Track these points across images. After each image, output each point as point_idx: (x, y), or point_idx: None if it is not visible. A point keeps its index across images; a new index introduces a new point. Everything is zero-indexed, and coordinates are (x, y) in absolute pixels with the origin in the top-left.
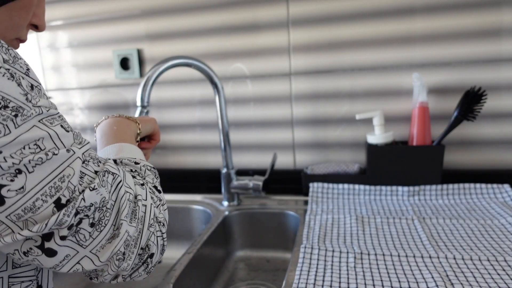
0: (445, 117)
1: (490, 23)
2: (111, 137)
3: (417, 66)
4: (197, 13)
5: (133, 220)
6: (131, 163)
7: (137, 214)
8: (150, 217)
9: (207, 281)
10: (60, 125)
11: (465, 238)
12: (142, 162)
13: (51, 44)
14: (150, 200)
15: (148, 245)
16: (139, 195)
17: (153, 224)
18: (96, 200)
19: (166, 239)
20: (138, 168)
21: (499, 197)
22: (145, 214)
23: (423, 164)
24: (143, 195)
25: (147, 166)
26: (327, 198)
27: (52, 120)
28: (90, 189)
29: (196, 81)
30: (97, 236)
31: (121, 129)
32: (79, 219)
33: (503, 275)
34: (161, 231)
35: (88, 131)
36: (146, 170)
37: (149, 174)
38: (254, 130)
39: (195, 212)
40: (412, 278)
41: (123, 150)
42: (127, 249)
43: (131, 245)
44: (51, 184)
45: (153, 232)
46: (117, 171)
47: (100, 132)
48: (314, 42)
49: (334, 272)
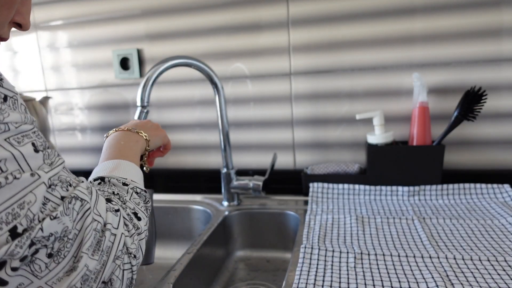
0: (445, 117)
1: (490, 23)
2: (115, 151)
3: (417, 66)
4: (197, 13)
5: (97, 252)
6: (118, 183)
7: (102, 245)
8: (118, 248)
9: (207, 281)
10: (31, 143)
11: (465, 238)
12: (132, 184)
13: (51, 44)
14: (122, 228)
15: (111, 279)
16: (109, 223)
17: (121, 256)
18: (56, 229)
19: (136, 272)
20: (123, 190)
21: (499, 197)
22: (113, 244)
23: (423, 164)
24: (115, 223)
25: (137, 189)
26: (327, 198)
27: (21, 138)
28: (51, 218)
29: (196, 81)
30: (54, 268)
31: (128, 145)
32: (34, 249)
33: (503, 275)
34: (130, 263)
35: (88, 131)
36: (134, 193)
37: (135, 198)
38: (254, 130)
39: (195, 212)
40: (412, 278)
41: (119, 168)
42: (85, 284)
43: (90, 279)
44: (8, 211)
45: (119, 265)
46: (87, 196)
47: (106, 144)
48: (314, 42)
49: (334, 272)
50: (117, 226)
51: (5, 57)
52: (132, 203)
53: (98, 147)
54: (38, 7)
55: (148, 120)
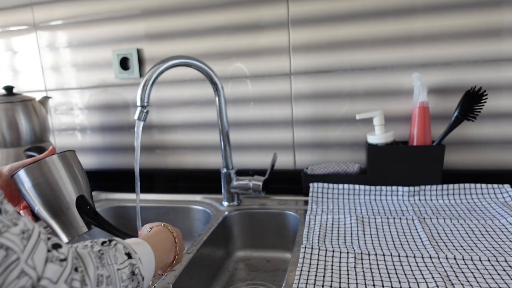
0: (445, 117)
1: (491, 23)
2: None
3: (418, 66)
4: (197, 13)
5: None
6: (121, 251)
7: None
8: None
9: (207, 281)
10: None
11: (465, 238)
12: (136, 262)
13: (50, 44)
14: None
15: None
16: (46, 278)
17: None
18: None
19: None
20: (119, 258)
21: (500, 197)
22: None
23: (424, 164)
24: (54, 276)
25: (137, 269)
26: (327, 198)
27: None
28: None
29: (196, 81)
30: None
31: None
32: None
33: (504, 275)
34: None
35: (88, 131)
36: (129, 270)
37: (124, 273)
38: (254, 130)
39: (195, 212)
40: (412, 278)
41: (140, 245)
42: None
43: None
44: None
45: None
46: (17, 244)
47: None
48: (314, 42)
49: (334, 272)
50: (57, 280)
51: (5, 57)
52: (115, 273)
53: (98, 147)
54: (38, 7)
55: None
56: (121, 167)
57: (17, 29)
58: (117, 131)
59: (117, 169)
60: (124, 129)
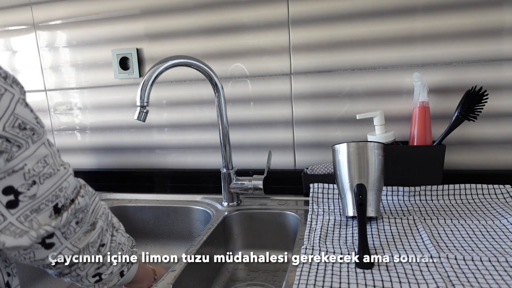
0: (446, 117)
1: (491, 22)
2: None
3: (418, 65)
4: (197, 13)
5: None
6: (120, 229)
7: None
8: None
9: (207, 281)
10: (52, 145)
11: (466, 239)
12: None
13: (50, 44)
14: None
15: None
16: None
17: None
18: (82, 205)
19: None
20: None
21: (501, 198)
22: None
23: (424, 164)
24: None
25: (113, 220)
26: (327, 199)
27: (49, 141)
28: (81, 196)
29: (196, 81)
30: (78, 231)
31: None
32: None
33: (505, 275)
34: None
35: (88, 131)
36: (109, 216)
37: (121, 238)
38: (254, 130)
39: (195, 212)
40: (412, 278)
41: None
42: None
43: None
44: (53, 193)
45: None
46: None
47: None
48: (314, 41)
49: (335, 273)
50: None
51: (4, 56)
52: (105, 208)
53: (97, 147)
54: (37, 7)
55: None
56: (120, 167)
57: (16, 29)
58: (117, 131)
59: (117, 169)
60: (123, 129)
